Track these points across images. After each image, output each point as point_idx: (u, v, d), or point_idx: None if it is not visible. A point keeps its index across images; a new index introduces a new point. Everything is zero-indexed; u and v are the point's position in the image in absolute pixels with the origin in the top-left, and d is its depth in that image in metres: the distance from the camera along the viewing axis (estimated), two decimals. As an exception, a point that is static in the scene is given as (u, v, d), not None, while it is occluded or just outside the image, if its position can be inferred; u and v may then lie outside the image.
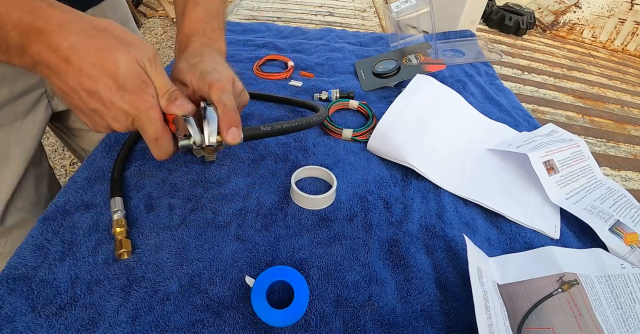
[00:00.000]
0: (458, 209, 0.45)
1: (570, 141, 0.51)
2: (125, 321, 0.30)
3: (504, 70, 1.19)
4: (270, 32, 0.85)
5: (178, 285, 0.33)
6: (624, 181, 0.78)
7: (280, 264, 0.35)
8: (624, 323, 0.31)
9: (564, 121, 0.99)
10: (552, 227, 0.44)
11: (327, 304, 0.34)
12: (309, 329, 0.32)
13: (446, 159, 0.51)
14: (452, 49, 0.85)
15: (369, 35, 0.88)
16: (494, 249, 0.41)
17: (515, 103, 0.69)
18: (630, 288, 0.33)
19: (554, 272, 0.35)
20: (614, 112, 1.11)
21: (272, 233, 0.39)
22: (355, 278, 0.36)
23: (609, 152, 0.88)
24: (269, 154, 0.49)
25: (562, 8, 1.98)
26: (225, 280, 0.34)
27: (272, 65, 0.71)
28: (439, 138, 0.53)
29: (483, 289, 0.33)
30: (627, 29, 1.96)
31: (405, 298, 0.35)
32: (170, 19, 2.93)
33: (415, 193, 0.46)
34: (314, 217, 0.41)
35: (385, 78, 0.67)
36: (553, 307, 0.33)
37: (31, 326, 0.29)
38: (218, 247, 0.37)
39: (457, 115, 0.58)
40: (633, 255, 0.40)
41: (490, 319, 0.30)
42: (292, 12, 1.12)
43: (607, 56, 1.79)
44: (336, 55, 0.76)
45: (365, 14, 1.17)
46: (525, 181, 0.49)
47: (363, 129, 0.54)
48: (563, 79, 1.24)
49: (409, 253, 0.39)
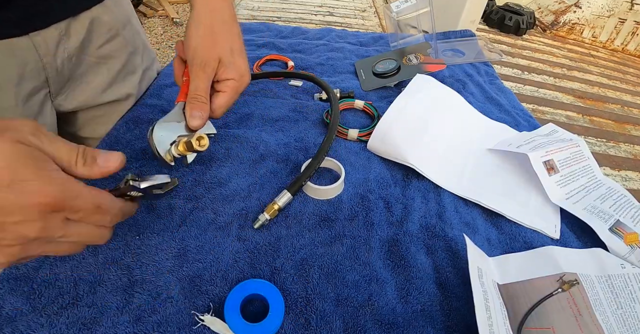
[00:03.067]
0: (458, 209, 0.45)
1: (570, 141, 0.51)
2: (127, 320, 0.31)
3: (504, 70, 1.19)
4: (270, 32, 0.85)
5: (179, 286, 0.34)
6: (624, 180, 0.78)
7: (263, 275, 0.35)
8: (624, 323, 0.31)
9: (564, 120, 0.99)
10: (552, 227, 0.44)
11: (328, 303, 0.34)
12: (309, 329, 0.32)
13: (446, 158, 0.51)
14: (452, 48, 0.85)
15: (369, 35, 0.88)
16: (494, 249, 0.41)
17: (515, 103, 0.69)
18: (630, 287, 0.33)
19: (554, 272, 0.35)
20: (614, 112, 1.11)
21: (273, 233, 0.39)
22: (356, 277, 0.36)
23: (609, 152, 0.88)
24: (270, 154, 0.49)
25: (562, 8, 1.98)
26: (226, 281, 0.34)
27: (272, 65, 0.71)
28: (439, 138, 0.53)
29: (483, 289, 0.33)
30: (627, 29, 1.96)
31: (405, 297, 0.35)
32: (170, 19, 2.93)
33: (415, 193, 0.46)
34: (315, 217, 0.41)
35: (385, 78, 0.67)
36: (553, 307, 0.33)
37: (32, 325, 0.29)
38: (219, 248, 0.37)
39: (457, 115, 0.58)
40: (633, 255, 0.40)
41: (490, 319, 0.31)
42: (292, 11, 1.13)
43: (607, 56, 1.79)
44: (336, 55, 0.76)
45: (365, 13, 1.17)
46: (526, 180, 0.49)
47: (369, 129, 0.54)
48: (563, 79, 1.24)
49: (409, 252, 0.39)
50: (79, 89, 0.52)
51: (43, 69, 0.45)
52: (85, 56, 0.50)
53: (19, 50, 0.42)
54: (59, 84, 0.48)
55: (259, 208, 0.42)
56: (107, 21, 0.51)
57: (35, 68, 0.44)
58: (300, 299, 0.34)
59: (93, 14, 0.49)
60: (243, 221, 0.40)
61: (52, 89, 0.48)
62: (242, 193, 0.43)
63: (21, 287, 0.32)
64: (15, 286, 0.32)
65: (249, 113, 0.56)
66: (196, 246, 0.37)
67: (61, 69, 0.47)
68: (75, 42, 0.47)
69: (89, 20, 0.48)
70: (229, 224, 0.39)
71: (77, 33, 0.47)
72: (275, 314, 0.31)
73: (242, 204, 0.42)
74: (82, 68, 0.51)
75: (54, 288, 0.32)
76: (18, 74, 0.43)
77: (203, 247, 0.37)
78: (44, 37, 0.43)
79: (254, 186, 0.44)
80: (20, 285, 0.32)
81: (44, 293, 0.32)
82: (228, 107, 0.41)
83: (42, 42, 0.43)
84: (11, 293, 0.31)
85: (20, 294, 0.31)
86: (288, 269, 0.36)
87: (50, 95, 0.49)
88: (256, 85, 0.63)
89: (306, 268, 0.36)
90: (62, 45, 0.46)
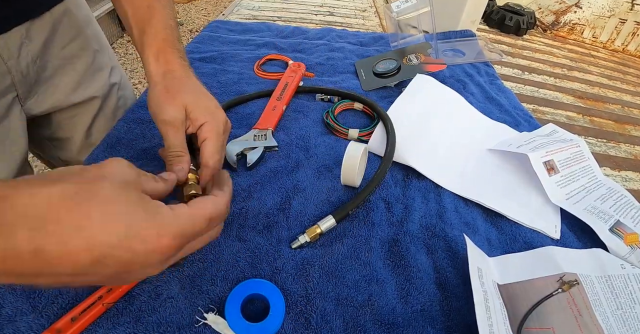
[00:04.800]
0: (458, 209, 0.45)
1: (571, 141, 0.51)
2: (127, 321, 0.31)
3: (504, 70, 1.19)
4: (270, 31, 0.85)
5: (179, 286, 0.34)
6: (624, 181, 0.78)
7: (257, 278, 0.35)
8: (624, 323, 0.31)
9: (564, 121, 0.99)
10: (553, 227, 0.44)
11: (328, 303, 0.34)
12: (309, 328, 0.32)
13: (446, 159, 0.51)
14: (452, 48, 0.85)
15: (369, 35, 0.88)
16: (494, 249, 0.41)
17: (515, 103, 0.69)
18: (630, 288, 0.33)
19: (554, 272, 0.35)
20: (614, 112, 1.11)
21: (274, 233, 0.39)
22: (356, 277, 0.36)
23: (609, 153, 0.88)
24: (270, 153, 0.49)
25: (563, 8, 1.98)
26: (227, 280, 0.34)
27: (272, 65, 0.71)
28: (440, 138, 0.53)
29: (483, 289, 0.33)
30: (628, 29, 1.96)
31: (405, 297, 0.35)
32: (170, 18, 2.93)
33: (415, 193, 0.46)
34: (315, 217, 0.41)
35: (386, 78, 0.67)
36: (553, 307, 0.33)
37: (33, 326, 0.29)
38: (219, 248, 0.37)
39: (457, 115, 0.58)
40: (633, 255, 0.40)
41: (490, 319, 0.31)
42: (293, 11, 1.12)
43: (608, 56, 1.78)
44: (336, 55, 0.76)
45: (365, 13, 1.17)
46: (526, 181, 0.49)
47: (369, 129, 0.54)
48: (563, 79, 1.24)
49: (409, 252, 0.39)
50: (48, 91, 0.51)
51: (8, 72, 0.44)
52: (50, 58, 0.49)
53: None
54: (26, 87, 0.48)
55: (259, 208, 0.42)
56: (69, 21, 0.50)
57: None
58: (301, 298, 0.34)
59: (54, 15, 0.48)
60: (243, 221, 0.40)
61: (20, 93, 0.47)
62: (242, 193, 0.43)
63: (21, 287, 0.32)
64: (16, 285, 0.32)
65: (250, 113, 0.56)
66: (196, 246, 0.37)
67: (26, 72, 0.46)
68: (37, 44, 0.47)
69: (51, 21, 0.48)
70: (229, 224, 0.39)
71: (38, 35, 0.47)
72: (276, 314, 0.31)
73: (243, 204, 0.42)
74: (48, 70, 0.50)
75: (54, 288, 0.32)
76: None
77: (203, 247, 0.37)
78: (5, 41, 0.43)
79: (254, 186, 0.44)
80: (20, 285, 0.32)
81: (44, 293, 0.32)
82: (220, 153, 0.37)
83: (4, 46, 0.43)
84: (11, 293, 0.31)
85: (20, 294, 0.31)
86: (288, 269, 0.36)
87: (19, 99, 0.48)
88: (257, 85, 0.63)
89: (307, 267, 0.36)
90: (25, 48, 0.45)
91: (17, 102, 0.47)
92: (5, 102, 0.46)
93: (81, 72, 0.54)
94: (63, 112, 0.55)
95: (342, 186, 0.46)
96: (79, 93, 0.54)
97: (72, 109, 0.55)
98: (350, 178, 0.43)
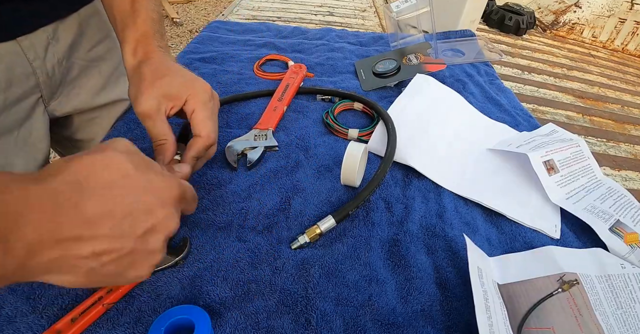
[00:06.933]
0: (458, 208, 0.45)
1: (571, 141, 0.51)
2: (127, 321, 0.31)
3: (504, 70, 1.19)
4: (270, 31, 0.85)
5: (179, 286, 0.34)
6: (624, 180, 0.78)
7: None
8: (624, 323, 0.31)
9: (564, 120, 0.99)
10: (553, 227, 0.44)
11: (328, 303, 0.34)
12: (309, 328, 0.32)
13: (446, 159, 0.51)
14: (452, 48, 0.85)
15: (369, 35, 0.88)
16: (494, 249, 0.41)
17: (515, 103, 0.69)
18: (630, 287, 0.33)
19: (554, 272, 0.35)
20: (614, 111, 1.11)
21: (274, 233, 0.39)
22: (356, 277, 0.36)
23: (609, 152, 0.88)
24: (270, 153, 0.49)
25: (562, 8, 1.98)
26: (227, 281, 0.34)
27: (272, 65, 0.71)
28: (439, 138, 0.53)
29: (483, 289, 0.33)
30: (627, 29, 1.96)
31: (406, 297, 0.35)
32: (170, 19, 2.93)
33: (415, 193, 0.46)
34: (315, 217, 0.41)
35: (386, 78, 0.67)
36: (553, 307, 0.33)
37: (33, 327, 0.29)
38: (219, 248, 0.37)
39: (457, 115, 0.58)
40: (633, 255, 0.40)
41: (490, 319, 0.31)
42: (292, 11, 1.13)
43: (607, 56, 1.79)
44: (336, 55, 0.76)
45: (365, 13, 1.17)
46: (526, 180, 0.49)
47: (369, 129, 0.54)
48: (563, 79, 1.24)
49: (409, 252, 0.39)
50: (72, 93, 0.50)
51: (33, 73, 0.44)
52: (76, 59, 0.49)
53: (6, 55, 0.41)
54: (51, 88, 0.47)
55: (259, 208, 0.42)
56: (96, 23, 0.50)
57: (24, 73, 0.43)
58: (301, 298, 0.34)
59: (81, 16, 0.48)
60: (243, 221, 0.40)
61: (45, 94, 0.47)
62: (242, 193, 0.43)
63: (21, 287, 0.32)
64: (16, 286, 0.32)
65: (250, 113, 0.56)
66: (196, 246, 0.37)
67: (52, 74, 0.46)
68: (64, 46, 0.46)
69: (78, 22, 0.47)
70: (229, 224, 0.39)
71: (65, 36, 0.46)
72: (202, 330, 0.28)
73: (242, 204, 0.42)
74: (73, 72, 0.49)
75: (54, 288, 0.32)
76: (6, 79, 0.41)
77: (203, 247, 0.37)
78: (31, 42, 0.42)
79: (254, 186, 0.44)
80: (20, 285, 0.32)
81: (44, 294, 0.32)
82: (212, 121, 0.37)
83: (30, 46, 0.42)
84: (11, 293, 0.31)
85: (20, 294, 0.31)
86: (288, 269, 0.36)
87: (43, 100, 0.47)
88: (257, 85, 0.63)
89: (307, 267, 0.36)
90: (51, 49, 0.45)
91: (40, 103, 0.47)
92: (29, 103, 0.45)
93: (106, 74, 0.54)
94: (84, 114, 0.54)
95: (342, 186, 0.46)
96: (103, 96, 0.54)
97: (94, 111, 0.55)
98: (350, 178, 0.43)
